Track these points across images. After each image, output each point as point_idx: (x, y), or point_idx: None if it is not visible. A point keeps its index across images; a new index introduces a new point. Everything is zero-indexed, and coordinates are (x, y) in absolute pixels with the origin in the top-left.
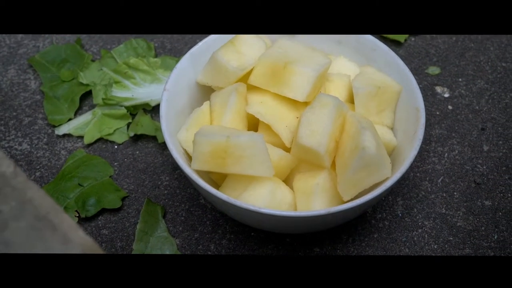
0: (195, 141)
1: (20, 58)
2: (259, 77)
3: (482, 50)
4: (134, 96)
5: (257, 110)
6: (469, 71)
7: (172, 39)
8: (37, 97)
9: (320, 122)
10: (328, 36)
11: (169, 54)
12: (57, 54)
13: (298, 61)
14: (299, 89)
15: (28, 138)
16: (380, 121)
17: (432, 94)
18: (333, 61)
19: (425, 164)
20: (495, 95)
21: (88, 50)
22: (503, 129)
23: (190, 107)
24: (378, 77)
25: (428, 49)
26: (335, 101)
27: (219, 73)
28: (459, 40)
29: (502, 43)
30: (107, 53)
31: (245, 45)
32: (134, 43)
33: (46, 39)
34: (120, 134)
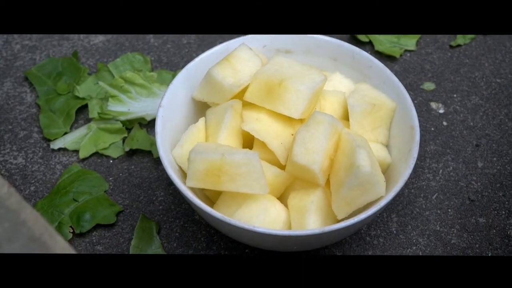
0: (190, 158)
1: (17, 70)
2: (254, 94)
3: (477, 66)
4: (130, 110)
5: (252, 127)
6: (464, 87)
7: (169, 53)
8: (33, 110)
9: (315, 140)
10: (323, 52)
11: (166, 68)
12: (53, 67)
13: (293, 78)
14: (294, 106)
15: (23, 152)
16: (375, 138)
17: (427, 110)
18: (329, 77)
19: (419, 181)
20: (489, 111)
21: (84, 63)
22: (497, 146)
23: (186, 123)
24: (373, 95)
25: (423, 64)
26: (330, 119)
27: (215, 90)
28: (454, 56)
29: (497, 59)
30: (103, 66)
31: (241, 61)
32: (131, 57)
33: (42, 51)
34: (116, 148)
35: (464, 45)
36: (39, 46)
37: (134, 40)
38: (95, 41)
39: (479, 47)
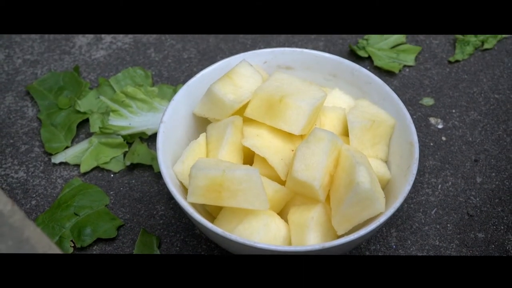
0: (191, 174)
1: (18, 85)
2: (255, 110)
3: (475, 82)
4: (131, 125)
5: (253, 143)
6: (462, 102)
7: (169, 67)
8: (34, 124)
9: (315, 157)
10: (323, 69)
11: (166, 83)
12: (55, 82)
13: (294, 94)
14: (295, 122)
15: (24, 166)
16: (374, 154)
17: (426, 125)
18: (329, 93)
19: (418, 196)
20: (488, 127)
21: (85, 78)
22: (495, 161)
23: (187, 138)
24: (372, 111)
25: (422, 80)
26: (330, 135)
27: (216, 106)
28: (452, 72)
29: (495, 75)
30: (104, 81)
31: (242, 78)
32: (132, 72)
33: (44, 66)
34: (117, 162)
35: (462, 61)
36: (40, 60)
37: (135, 54)
38: (96, 56)
39: (477, 63)
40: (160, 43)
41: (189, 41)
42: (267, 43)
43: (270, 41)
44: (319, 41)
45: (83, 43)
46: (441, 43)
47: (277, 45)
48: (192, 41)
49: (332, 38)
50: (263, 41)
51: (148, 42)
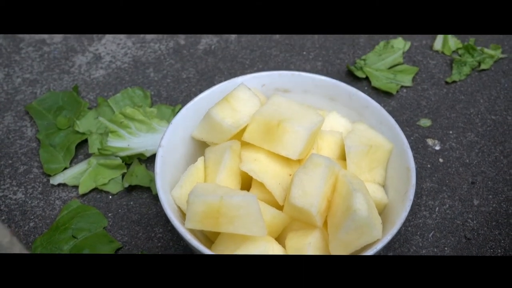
0: (189, 200)
1: (17, 104)
2: (253, 134)
3: (472, 103)
4: (130, 146)
5: (251, 168)
6: (459, 123)
7: (168, 87)
8: (33, 144)
9: (312, 183)
10: (321, 92)
11: (165, 103)
12: (54, 101)
13: (291, 119)
14: (292, 147)
15: (23, 187)
16: (371, 178)
17: (423, 147)
18: (326, 116)
19: (416, 218)
20: (485, 148)
21: (84, 98)
22: (492, 183)
23: (185, 161)
24: (369, 135)
25: (420, 100)
26: (327, 161)
27: (214, 130)
28: (449, 92)
29: (492, 96)
30: (103, 101)
31: (240, 101)
32: (131, 92)
33: (43, 85)
34: (115, 184)
35: (459, 81)
36: (39, 79)
37: (134, 74)
38: (95, 75)
39: (474, 83)
40: (159, 62)
41: (188, 60)
42: (265, 63)
43: (268, 60)
44: (317, 61)
45: (82, 62)
46: (438, 64)
47: (275, 64)
48: (190, 61)
49: (330, 58)
50: (261, 60)
51: (147, 61)
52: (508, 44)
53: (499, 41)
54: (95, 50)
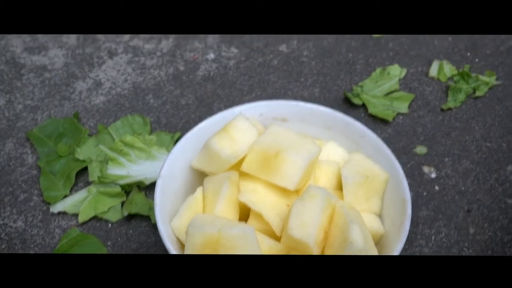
0: (188, 232)
1: (18, 131)
2: (251, 165)
3: (467, 130)
4: (129, 174)
5: (249, 199)
6: (455, 150)
7: (168, 113)
8: (33, 172)
9: (310, 214)
10: (318, 121)
11: (164, 129)
12: (54, 128)
13: (289, 149)
14: (290, 178)
15: (23, 215)
16: (368, 208)
17: (419, 174)
18: (323, 146)
19: (412, 247)
20: (480, 176)
21: (85, 124)
22: (488, 211)
23: (184, 191)
24: (366, 165)
25: (416, 127)
26: (324, 193)
27: (213, 160)
28: (445, 119)
29: (487, 123)
30: (104, 128)
31: (238, 131)
32: (130, 119)
33: (44, 112)
34: (114, 212)
35: (455, 108)
36: (40, 106)
37: (134, 100)
38: (95, 101)
39: (469, 110)
40: (158, 89)
41: (187, 87)
42: (263, 89)
43: (266, 87)
44: (315, 88)
45: (83, 88)
46: (434, 90)
47: (273, 91)
48: (190, 87)
49: (327, 84)
50: (259, 87)
51: (147, 87)
52: (502, 71)
53: (494, 67)
54: (96, 76)
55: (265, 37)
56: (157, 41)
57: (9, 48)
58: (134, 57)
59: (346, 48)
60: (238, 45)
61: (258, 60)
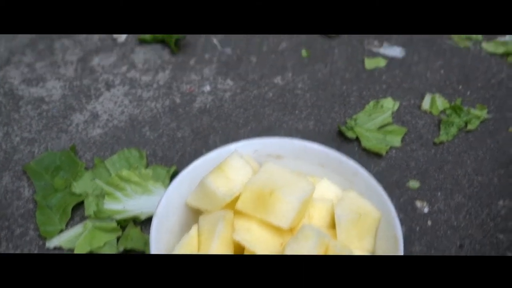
0: None
1: (16, 164)
2: (245, 203)
3: (459, 163)
4: (125, 208)
5: (244, 238)
6: (447, 185)
7: (164, 146)
8: (30, 205)
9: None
10: (312, 159)
11: (160, 163)
12: (51, 161)
13: (283, 187)
14: (284, 216)
15: (19, 250)
16: (361, 246)
17: (412, 209)
18: (317, 183)
19: None
20: (472, 211)
21: (82, 157)
22: (480, 246)
23: (180, 228)
24: (359, 203)
25: (409, 161)
26: (317, 233)
27: (208, 198)
28: (437, 153)
29: (478, 156)
30: (100, 162)
31: (233, 170)
32: (127, 153)
33: (41, 144)
34: (110, 247)
35: (447, 142)
36: (38, 138)
37: (131, 133)
38: (92, 134)
39: (461, 144)
40: (155, 121)
41: (183, 119)
42: (258, 122)
43: (262, 119)
44: (309, 120)
45: (80, 120)
46: (426, 124)
47: (268, 123)
48: (186, 119)
49: (321, 117)
50: (255, 119)
51: (143, 120)
52: (493, 104)
53: (485, 100)
54: (93, 108)
55: (260, 69)
56: (154, 72)
57: (7, 80)
58: (131, 89)
59: (340, 80)
60: (233, 77)
61: (253, 92)
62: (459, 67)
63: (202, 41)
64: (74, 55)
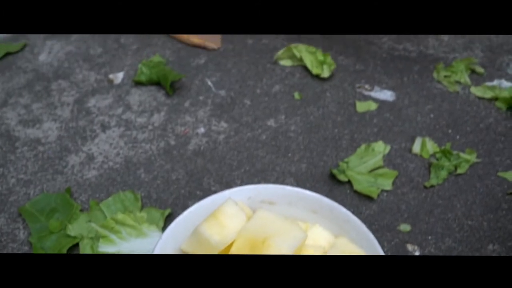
0: None
1: (11, 206)
2: (239, 250)
3: (449, 207)
4: (120, 251)
5: None
6: (438, 228)
7: (158, 188)
8: (25, 248)
9: None
10: (304, 205)
11: (155, 205)
12: (47, 203)
13: (276, 235)
14: None
15: None
16: None
17: (403, 252)
18: (309, 229)
19: None
20: (462, 255)
21: (77, 199)
22: None
23: None
24: (350, 249)
25: (400, 205)
26: None
27: (203, 245)
28: (428, 196)
29: (468, 200)
30: (96, 205)
31: (227, 217)
32: (122, 196)
33: (37, 186)
34: None
35: (437, 186)
36: (33, 180)
37: (126, 175)
38: (88, 176)
39: (451, 188)
40: (149, 163)
41: (178, 161)
42: (252, 165)
43: (255, 162)
44: (302, 163)
45: (75, 162)
46: (417, 167)
47: (261, 166)
48: (180, 162)
49: (314, 160)
50: (248, 162)
51: (138, 162)
52: (482, 148)
53: (474, 144)
54: (88, 150)
55: (254, 111)
56: (149, 114)
57: (4, 121)
58: (126, 131)
59: (332, 123)
60: (227, 119)
61: (247, 134)
62: (449, 111)
63: (197, 83)
64: (71, 96)
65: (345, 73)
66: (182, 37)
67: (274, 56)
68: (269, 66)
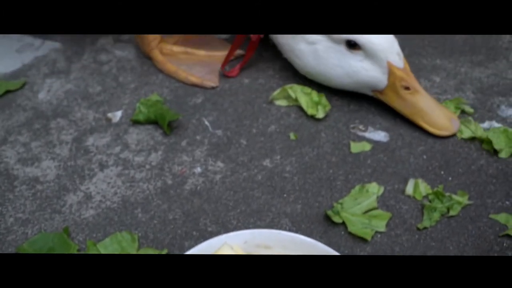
0: None
1: (9, 245)
2: None
3: (442, 249)
4: None
5: None
6: None
7: (155, 228)
8: None
9: None
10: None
11: (151, 245)
12: (44, 243)
13: None
14: None
15: None
16: None
17: None
18: None
19: None
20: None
21: (74, 239)
22: None
23: None
24: None
25: (393, 247)
26: None
27: None
28: (421, 238)
29: (461, 243)
30: (93, 245)
31: None
32: (119, 236)
33: (35, 225)
34: None
35: (430, 227)
36: (31, 219)
37: (123, 214)
38: (85, 215)
39: (444, 230)
40: (147, 202)
41: (175, 201)
42: (247, 205)
43: (251, 202)
44: (297, 204)
45: (73, 201)
46: (410, 209)
47: (257, 206)
48: (177, 201)
49: (309, 201)
50: (244, 202)
51: (135, 201)
52: (474, 190)
53: (466, 186)
54: (86, 189)
55: (250, 151)
56: (147, 153)
57: (3, 159)
58: (124, 170)
59: (326, 164)
60: (224, 159)
61: (243, 175)
62: (441, 152)
63: (194, 123)
64: (69, 135)
65: (339, 113)
66: (180, 76)
67: (269, 96)
68: (265, 106)
